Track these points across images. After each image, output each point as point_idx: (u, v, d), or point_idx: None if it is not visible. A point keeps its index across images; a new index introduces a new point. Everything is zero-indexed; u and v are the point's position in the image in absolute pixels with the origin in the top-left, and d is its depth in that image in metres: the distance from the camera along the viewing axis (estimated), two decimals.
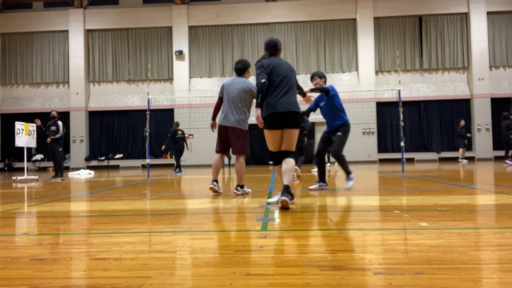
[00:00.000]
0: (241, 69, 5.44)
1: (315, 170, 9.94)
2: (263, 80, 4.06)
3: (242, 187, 5.34)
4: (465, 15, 19.46)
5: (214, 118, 5.58)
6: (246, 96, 5.28)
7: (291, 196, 3.98)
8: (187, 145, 12.84)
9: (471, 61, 19.14)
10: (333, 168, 12.93)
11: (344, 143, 5.72)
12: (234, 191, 5.32)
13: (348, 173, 5.77)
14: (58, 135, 10.47)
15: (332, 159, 14.79)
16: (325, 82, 5.90)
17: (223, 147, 5.43)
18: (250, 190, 5.48)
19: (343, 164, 5.76)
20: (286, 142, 4.14)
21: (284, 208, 3.75)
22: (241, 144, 5.31)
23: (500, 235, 2.53)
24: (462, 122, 16.15)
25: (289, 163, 4.03)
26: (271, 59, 4.25)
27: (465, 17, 19.47)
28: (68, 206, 4.75)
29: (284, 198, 3.73)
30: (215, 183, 5.39)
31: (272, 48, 4.32)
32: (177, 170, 12.29)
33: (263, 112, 4.09)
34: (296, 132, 4.16)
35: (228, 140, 5.35)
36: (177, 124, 12.78)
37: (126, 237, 2.79)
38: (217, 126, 5.51)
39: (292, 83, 4.20)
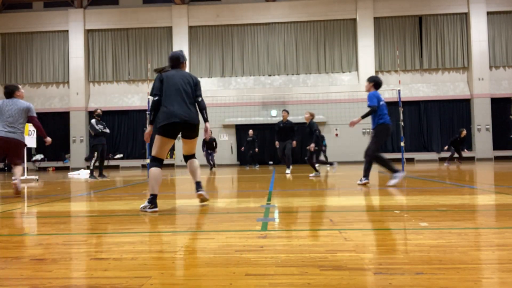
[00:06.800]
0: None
1: (312, 175, 9.12)
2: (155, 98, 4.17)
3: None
4: (465, 15, 19.45)
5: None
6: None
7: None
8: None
9: (471, 61, 19.14)
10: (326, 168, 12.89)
11: (378, 144, 6.22)
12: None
13: (393, 171, 6.09)
14: (92, 133, 10.54)
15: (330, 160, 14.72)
16: (374, 86, 6.46)
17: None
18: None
19: (382, 163, 6.17)
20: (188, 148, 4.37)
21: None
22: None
23: (500, 235, 2.53)
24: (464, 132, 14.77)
25: (195, 163, 4.36)
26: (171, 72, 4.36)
27: (465, 17, 19.47)
28: (68, 206, 4.75)
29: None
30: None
31: (175, 61, 4.51)
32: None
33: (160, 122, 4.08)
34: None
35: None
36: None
37: (126, 237, 2.79)
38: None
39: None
